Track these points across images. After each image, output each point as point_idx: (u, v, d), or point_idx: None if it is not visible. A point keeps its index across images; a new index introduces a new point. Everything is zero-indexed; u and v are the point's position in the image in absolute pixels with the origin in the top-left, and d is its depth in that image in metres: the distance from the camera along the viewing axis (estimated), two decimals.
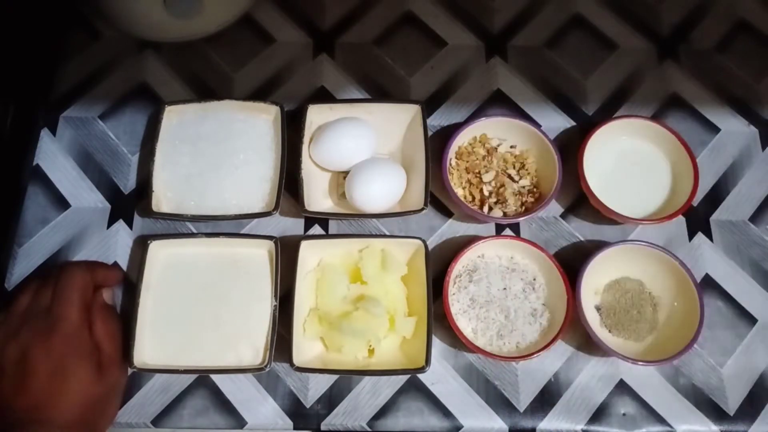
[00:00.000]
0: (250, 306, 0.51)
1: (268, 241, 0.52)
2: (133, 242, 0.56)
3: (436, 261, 0.53)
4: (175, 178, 0.55)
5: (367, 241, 0.53)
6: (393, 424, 0.51)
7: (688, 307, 0.51)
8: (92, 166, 0.58)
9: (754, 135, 0.62)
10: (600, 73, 0.64)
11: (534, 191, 0.56)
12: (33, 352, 0.45)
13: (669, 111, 0.62)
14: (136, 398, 0.51)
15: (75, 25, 0.64)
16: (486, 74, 0.63)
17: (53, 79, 0.62)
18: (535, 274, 0.53)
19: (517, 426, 0.51)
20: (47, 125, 0.60)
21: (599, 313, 0.54)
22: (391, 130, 0.58)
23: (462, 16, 0.66)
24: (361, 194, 0.53)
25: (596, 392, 0.52)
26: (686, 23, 0.66)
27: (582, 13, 0.66)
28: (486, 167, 0.56)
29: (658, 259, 0.52)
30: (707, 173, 0.59)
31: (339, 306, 0.51)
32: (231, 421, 0.51)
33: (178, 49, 0.63)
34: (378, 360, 0.50)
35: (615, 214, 0.53)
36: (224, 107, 0.57)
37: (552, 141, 0.55)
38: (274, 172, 0.55)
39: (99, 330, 0.48)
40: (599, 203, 0.54)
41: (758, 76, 0.64)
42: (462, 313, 0.52)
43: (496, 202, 0.55)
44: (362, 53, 0.64)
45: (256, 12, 0.65)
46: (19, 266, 0.55)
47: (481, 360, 0.53)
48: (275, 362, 0.50)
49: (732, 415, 0.52)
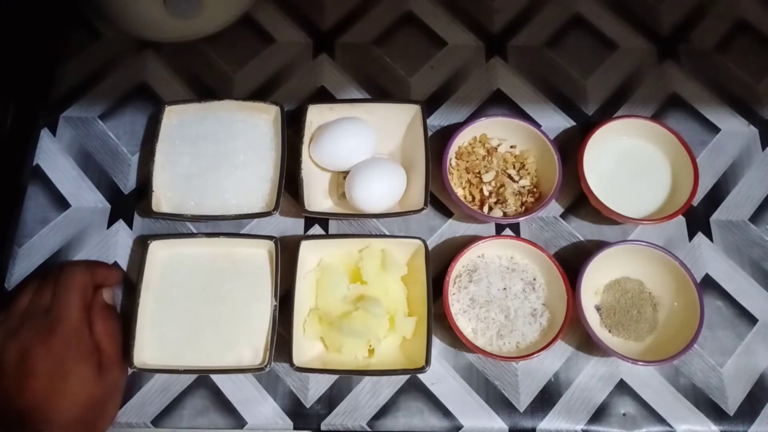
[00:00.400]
0: (250, 306, 0.51)
1: (268, 241, 0.52)
2: (133, 242, 0.56)
3: (436, 261, 0.53)
4: (175, 178, 0.55)
5: (367, 241, 0.53)
6: (393, 424, 0.51)
7: (688, 307, 0.51)
8: (92, 166, 0.58)
9: (754, 135, 0.62)
10: (600, 73, 0.64)
11: (534, 191, 0.56)
12: (33, 352, 0.45)
13: (669, 111, 0.62)
14: (136, 398, 0.51)
15: (75, 25, 0.64)
16: (486, 74, 0.63)
17: (53, 79, 0.62)
18: (535, 274, 0.53)
19: (517, 426, 0.51)
20: (47, 125, 0.60)
21: (599, 313, 0.54)
22: (391, 130, 0.58)
23: (462, 16, 0.66)
24: (361, 194, 0.53)
25: (596, 392, 0.52)
26: (686, 23, 0.66)
27: (582, 13, 0.66)
28: (486, 167, 0.56)
29: (658, 259, 0.52)
30: (707, 173, 0.59)
31: (339, 306, 0.51)
32: (231, 421, 0.51)
33: (178, 49, 0.63)
34: (378, 360, 0.50)
35: (615, 214, 0.54)
36: (224, 107, 0.57)
37: (552, 141, 0.55)
38: (274, 172, 0.55)
39: (99, 330, 0.48)
40: (599, 203, 0.54)
41: (758, 76, 0.64)
42: (462, 313, 0.52)
43: (496, 202, 0.55)
44: (362, 53, 0.64)
45: (256, 12, 0.65)
46: (19, 266, 0.55)
47: (481, 360, 0.53)
48: (275, 362, 0.50)
49: (732, 415, 0.52)
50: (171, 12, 0.57)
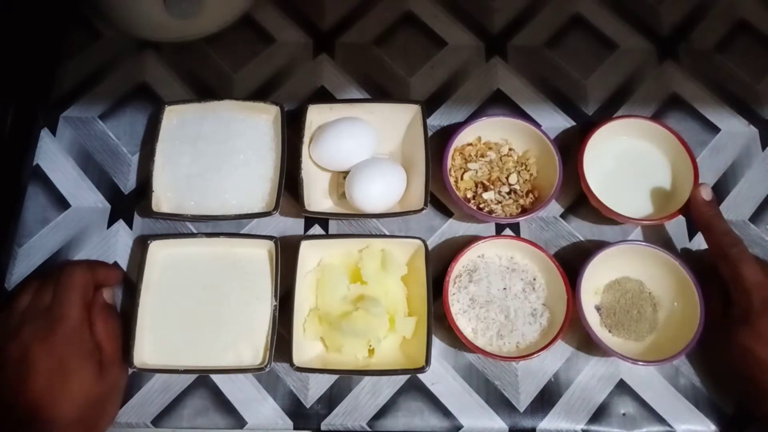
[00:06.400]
0: (250, 306, 0.51)
1: (268, 241, 0.52)
2: (133, 242, 0.56)
3: (436, 261, 0.53)
4: (175, 178, 0.55)
5: (367, 241, 0.53)
6: (393, 424, 0.51)
7: (688, 307, 0.51)
8: (92, 166, 0.58)
9: (754, 135, 0.62)
10: (600, 73, 0.64)
11: (534, 191, 0.56)
12: (33, 352, 0.45)
13: (669, 111, 0.62)
14: (136, 398, 0.51)
15: (75, 25, 0.64)
16: (486, 74, 0.63)
17: (53, 79, 0.62)
18: (535, 274, 0.54)
19: (517, 426, 0.51)
20: (47, 125, 0.60)
21: (599, 313, 0.54)
22: (391, 130, 0.58)
23: (462, 16, 0.66)
24: (361, 194, 0.53)
25: (596, 392, 0.52)
26: (686, 23, 0.66)
27: (582, 13, 0.66)
28: (486, 167, 0.56)
29: (658, 259, 0.52)
30: (707, 173, 0.59)
31: (339, 306, 0.51)
32: (231, 421, 0.51)
33: (178, 49, 0.63)
34: (378, 360, 0.50)
35: (615, 214, 0.54)
36: (224, 107, 0.57)
37: (552, 141, 0.55)
38: (274, 172, 0.55)
39: (99, 330, 0.48)
40: (599, 203, 0.54)
41: (758, 76, 0.64)
42: (462, 313, 0.52)
43: (496, 202, 0.55)
44: (362, 53, 0.64)
45: (256, 12, 0.65)
46: (19, 266, 0.55)
47: (481, 360, 0.53)
48: (275, 362, 0.50)
49: (731, 415, 0.51)
50: (171, 12, 0.57)
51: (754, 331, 0.47)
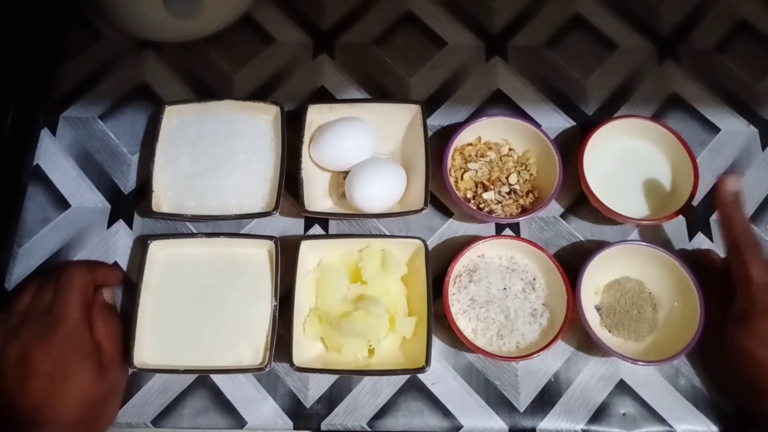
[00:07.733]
0: (250, 306, 0.51)
1: (268, 241, 0.52)
2: (133, 242, 0.56)
3: (436, 261, 0.53)
4: (175, 178, 0.55)
5: (367, 241, 0.53)
6: (393, 424, 0.51)
7: (688, 307, 0.51)
8: (92, 166, 0.58)
9: (754, 135, 0.62)
10: (600, 73, 0.64)
11: (534, 191, 0.56)
12: (33, 352, 0.45)
13: (669, 111, 0.62)
14: (136, 398, 0.51)
15: (75, 25, 0.64)
16: (486, 74, 0.63)
17: (53, 79, 0.62)
18: (535, 274, 0.54)
19: (517, 426, 0.51)
20: (47, 125, 0.60)
21: (599, 313, 0.54)
22: (391, 130, 0.58)
23: (462, 16, 0.66)
24: (361, 194, 0.53)
25: (596, 392, 0.52)
26: (686, 23, 0.66)
27: (582, 13, 0.66)
28: (486, 167, 0.56)
29: (658, 259, 0.52)
30: (707, 173, 0.59)
31: (339, 306, 0.51)
32: (231, 421, 0.51)
33: (178, 49, 0.63)
34: (378, 360, 0.50)
35: (615, 214, 0.54)
36: (224, 107, 0.57)
37: (552, 141, 0.55)
38: (274, 172, 0.55)
39: (99, 330, 0.48)
40: (599, 203, 0.54)
41: (758, 76, 0.64)
42: (462, 313, 0.52)
43: (496, 202, 0.55)
44: (362, 53, 0.64)
45: (256, 12, 0.65)
46: (19, 266, 0.55)
47: (481, 360, 0.53)
48: (275, 362, 0.50)
49: (731, 415, 0.51)
50: (171, 12, 0.57)
51: (753, 333, 0.47)
